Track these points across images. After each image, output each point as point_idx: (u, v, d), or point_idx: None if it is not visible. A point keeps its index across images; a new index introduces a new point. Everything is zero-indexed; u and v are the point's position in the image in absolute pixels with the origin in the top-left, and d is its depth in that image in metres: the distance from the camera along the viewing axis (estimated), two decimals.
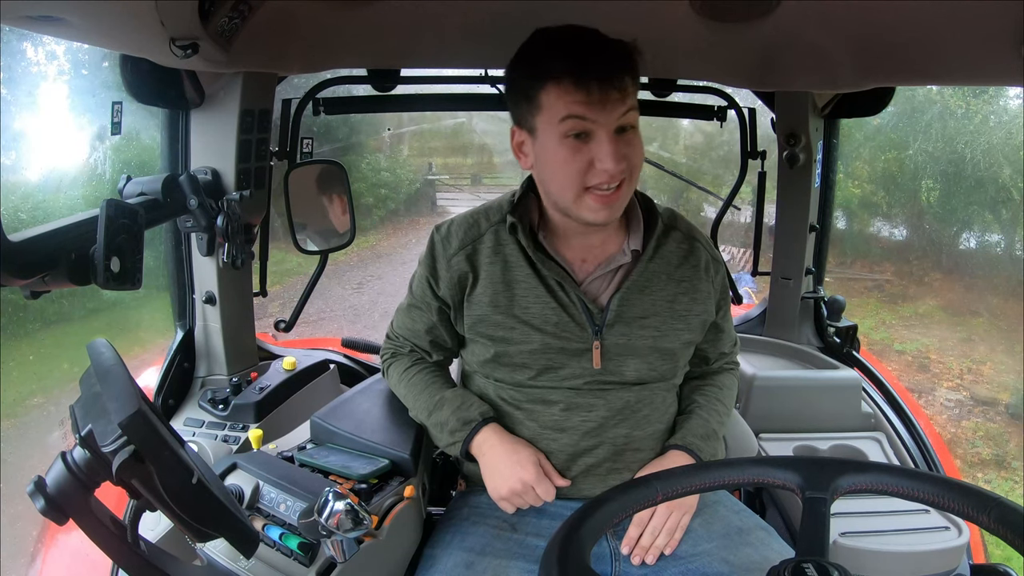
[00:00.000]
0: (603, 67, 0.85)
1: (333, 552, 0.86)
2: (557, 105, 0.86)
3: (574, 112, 0.85)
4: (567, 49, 0.86)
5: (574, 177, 0.88)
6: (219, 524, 0.70)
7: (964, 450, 4.66)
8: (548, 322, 0.96)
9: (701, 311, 1.00)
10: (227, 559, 0.87)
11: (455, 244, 1.00)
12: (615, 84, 0.84)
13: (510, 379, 1.00)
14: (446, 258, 1.00)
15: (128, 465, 0.61)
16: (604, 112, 0.85)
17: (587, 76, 0.84)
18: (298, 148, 1.53)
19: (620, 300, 0.96)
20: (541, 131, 0.89)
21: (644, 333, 0.97)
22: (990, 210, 6.59)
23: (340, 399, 1.16)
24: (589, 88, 0.84)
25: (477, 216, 1.02)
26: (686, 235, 1.02)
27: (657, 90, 1.59)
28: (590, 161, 0.87)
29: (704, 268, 1.01)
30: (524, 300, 0.97)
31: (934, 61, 1.12)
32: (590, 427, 0.97)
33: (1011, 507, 0.61)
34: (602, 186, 0.87)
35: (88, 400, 0.69)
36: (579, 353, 0.97)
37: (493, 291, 0.98)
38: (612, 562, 0.96)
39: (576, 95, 0.84)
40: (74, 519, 0.64)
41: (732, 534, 0.95)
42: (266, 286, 1.54)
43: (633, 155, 0.89)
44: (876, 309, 6.55)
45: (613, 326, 0.97)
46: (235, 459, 1.00)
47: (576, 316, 0.96)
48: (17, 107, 5.12)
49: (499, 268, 0.98)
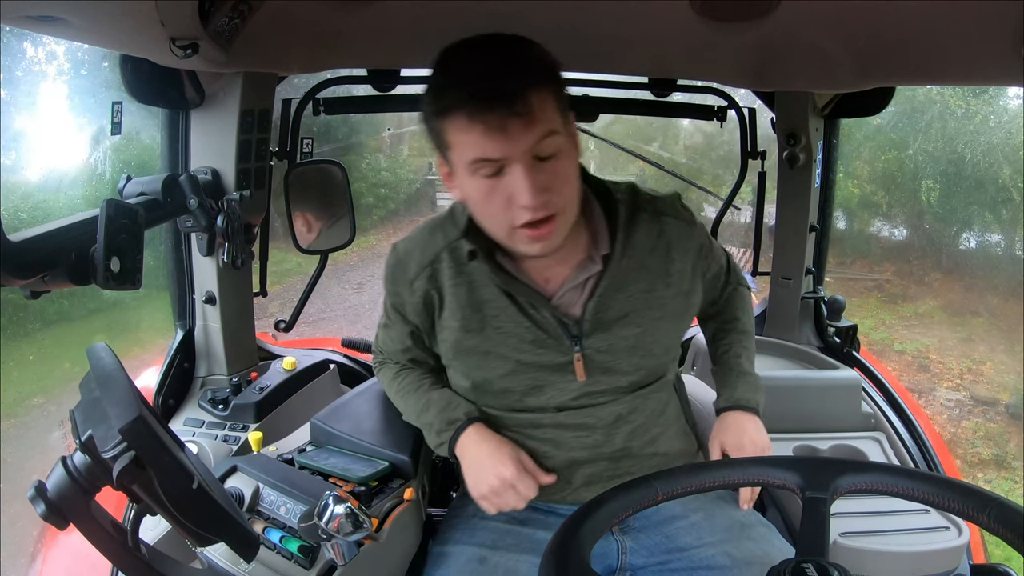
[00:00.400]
0: (496, 91, 0.74)
1: (333, 555, 0.86)
2: (461, 144, 0.78)
3: (479, 153, 0.76)
4: (460, 75, 0.77)
5: (498, 216, 0.80)
6: (220, 529, 0.70)
7: (964, 450, 4.66)
8: (524, 340, 0.91)
9: (676, 292, 0.95)
10: (227, 562, 0.87)
11: (413, 268, 0.94)
12: (515, 109, 0.74)
13: (497, 404, 0.97)
14: (407, 282, 0.94)
15: (129, 471, 0.62)
16: (508, 144, 0.75)
17: (479, 107, 0.74)
18: (298, 148, 1.53)
19: (596, 306, 0.91)
20: (457, 168, 0.81)
21: (626, 333, 0.92)
22: (990, 210, 6.59)
23: (339, 401, 1.16)
24: (485, 120, 0.74)
25: (433, 232, 0.95)
26: (652, 214, 0.94)
27: (657, 90, 1.59)
28: (509, 197, 0.78)
29: (675, 244, 0.94)
30: (496, 320, 0.92)
31: (934, 61, 1.11)
32: (585, 443, 0.96)
33: (1011, 507, 0.61)
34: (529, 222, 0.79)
35: (88, 405, 0.69)
36: (561, 368, 0.92)
37: (462, 315, 0.92)
38: (619, 555, 0.96)
39: (472, 132, 0.75)
40: (75, 524, 0.64)
41: (734, 528, 0.95)
42: (266, 286, 1.54)
43: (557, 184, 0.79)
44: (876, 309, 6.55)
45: (592, 334, 0.92)
46: (235, 462, 1.00)
47: (552, 331, 0.91)
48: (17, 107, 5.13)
49: (464, 290, 0.92)
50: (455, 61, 0.79)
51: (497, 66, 0.76)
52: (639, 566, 0.96)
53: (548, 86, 0.78)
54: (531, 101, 0.75)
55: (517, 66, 0.77)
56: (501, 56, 0.77)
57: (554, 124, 0.78)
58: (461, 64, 0.78)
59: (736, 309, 1.10)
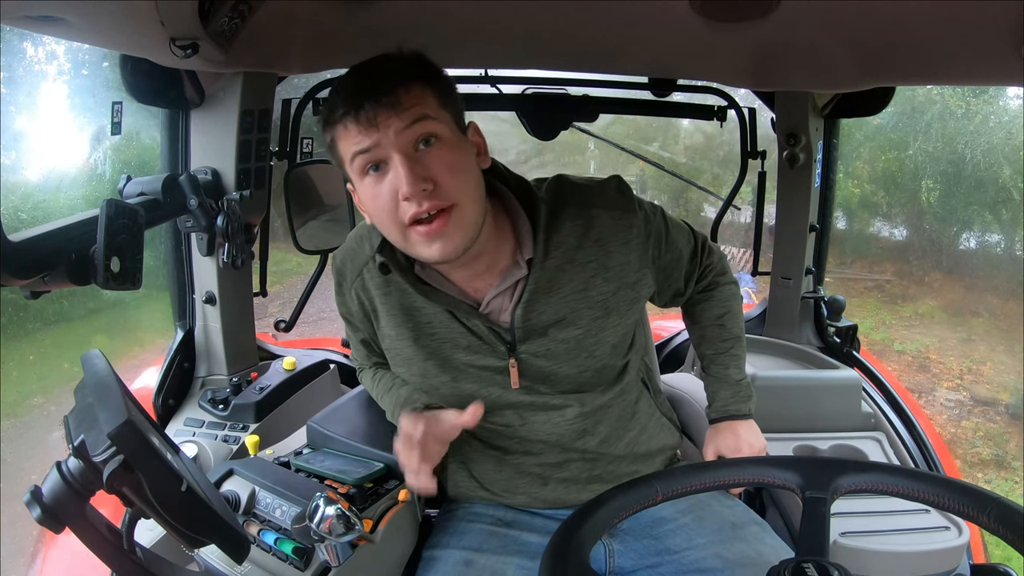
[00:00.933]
0: (367, 87, 0.77)
1: (327, 556, 0.86)
2: (344, 147, 0.80)
3: (356, 147, 0.78)
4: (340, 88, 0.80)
5: (388, 215, 0.80)
6: (210, 530, 0.71)
7: (964, 450, 4.65)
8: (459, 346, 0.91)
9: (618, 286, 0.91)
10: (223, 564, 0.87)
11: (349, 276, 0.95)
12: (383, 101, 0.76)
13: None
14: (345, 291, 0.96)
15: (118, 474, 0.62)
16: (379, 132, 0.77)
17: (352, 104, 0.77)
18: (298, 148, 1.53)
19: (524, 312, 0.88)
20: (352, 178, 0.83)
21: (564, 336, 0.89)
22: (990, 210, 6.59)
23: (336, 404, 1.16)
24: (357, 115, 0.77)
25: (360, 242, 0.94)
26: (577, 207, 0.90)
27: (657, 90, 1.59)
28: (394, 192, 0.78)
29: (609, 235, 0.89)
30: (429, 327, 0.91)
31: (934, 61, 1.11)
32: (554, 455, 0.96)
33: (1011, 507, 0.61)
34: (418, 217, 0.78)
35: (81, 410, 0.70)
36: (500, 372, 0.91)
37: (395, 323, 0.92)
38: (606, 560, 0.96)
39: (349, 128, 0.78)
40: (70, 527, 0.65)
41: (725, 529, 0.94)
42: (266, 286, 1.54)
43: (441, 171, 0.78)
44: (876, 309, 6.55)
45: (525, 340, 0.89)
46: (231, 465, 1.00)
47: (485, 336, 0.90)
48: (17, 107, 5.12)
49: (395, 298, 0.92)
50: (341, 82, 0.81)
51: (372, 71, 0.80)
52: (628, 570, 0.95)
53: (421, 81, 0.79)
54: (399, 92, 0.77)
55: (389, 68, 0.79)
56: (378, 62, 0.80)
57: (427, 110, 0.78)
58: (344, 81, 0.81)
59: (720, 313, 1.06)
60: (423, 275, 0.90)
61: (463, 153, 0.82)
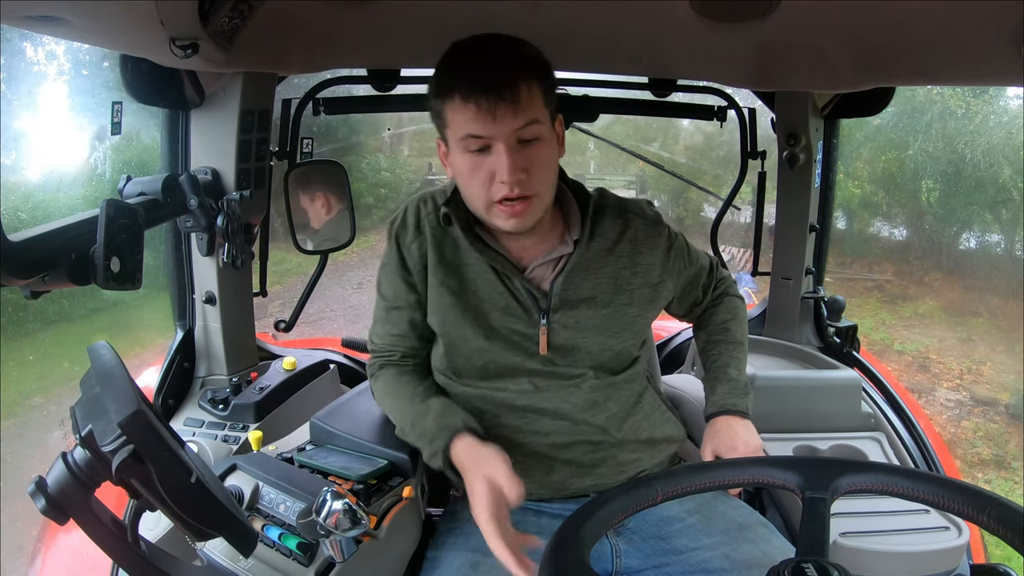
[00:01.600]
0: (491, 79, 0.84)
1: (332, 552, 0.86)
2: (455, 122, 0.87)
3: (469, 130, 0.86)
4: (461, 63, 0.87)
5: (479, 189, 0.89)
6: (217, 523, 0.71)
7: (964, 450, 4.66)
8: (496, 306, 0.98)
9: (643, 282, 1.01)
10: (227, 559, 0.87)
11: (410, 231, 1.01)
12: (504, 95, 0.84)
13: (470, 374, 1.00)
14: (407, 246, 1.01)
15: (127, 464, 0.62)
16: (495, 125, 0.85)
17: (475, 90, 0.84)
18: (298, 148, 1.53)
19: (563, 283, 0.97)
20: (451, 145, 0.90)
21: (592, 313, 0.98)
22: (990, 210, 6.59)
23: (339, 400, 1.16)
24: (478, 102, 0.84)
25: (424, 199, 1.02)
26: (618, 211, 1.02)
27: (657, 90, 1.59)
28: (491, 173, 0.87)
29: (642, 238, 1.01)
30: (473, 284, 0.98)
31: (934, 61, 1.12)
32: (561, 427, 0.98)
33: (1011, 507, 0.61)
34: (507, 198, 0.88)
35: (88, 401, 0.69)
36: (527, 339, 0.98)
37: (444, 272, 0.99)
38: (613, 559, 0.96)
39: (467, 111, 0.85)
40: (75, 519, 0.64)
41: (732, 530, 0.94)
42: (266, 286, 1.54)
43: (535, 167, 0.88)
44: (876, 309, 6.55)
45: (559, 310, 0.97)
46: (235, 460, 1.00)
47: (523, 300, 0.97)
48: (17, 107, 5.12)
49: (448, 249, 0.99)
50: (459, 51, 0.88)
51: (494, 57, 0.86)
52: (635, 569, 0.95)
53: (538, 81, 0.87)
54: (520, 90, 0.85)
55: (512, 59, 0.86)
56: (500, 50, 0.87)
57: (538, 114, 0.87)
58: (464, 53, 0.88)
59: (726, 319, 1.13)
60: (481, 233, 0.98)
61: (553, 150, 0.92)
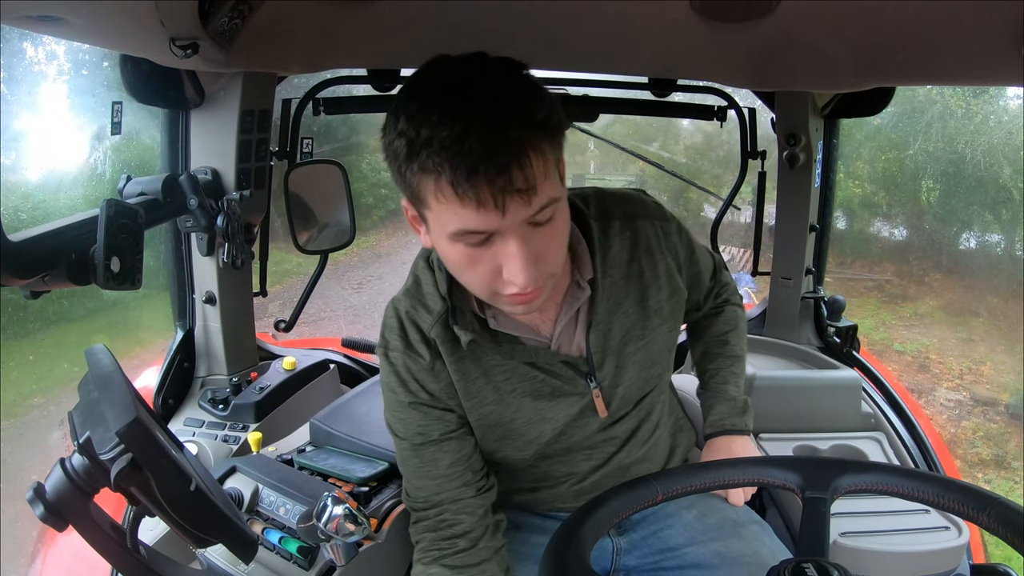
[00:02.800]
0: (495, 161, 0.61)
1: (332, 556, 0.86)
2: (442, 212, 0.65)
3: (465, 226, 0.65)
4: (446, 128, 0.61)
5: (480, 284, 0.72)
6: (218, 530, 0.71)
7: (964, 450, 4.65)
8: (542, 396, 0.85)
9: (669, 293, 0.90)
10: (226, 563, 0.87)
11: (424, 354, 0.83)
12: (517, 183, 0.62)
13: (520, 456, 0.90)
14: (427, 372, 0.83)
15: (126, 473, 0.62)
16: (504, 219, 0.64)
17: (474, 182, 0.61)
18: (298, 148, 1.52)
19: (597, 335, 0.85)
20: (432, 228, 0.70)
21: (631, 349, 0.88)
22: (990, 210, 6.59)
23: (339, 401, 1.16)
24: (479, 196, 0.62)
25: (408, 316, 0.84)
26: (624, 220, 0.87)
27: (657, 90, 1.59)
28: (496, 268, 0.69)
29: (656, 242, 0.88)
30: (508, 384, 0.84)
31: (934, 61, 1.11)
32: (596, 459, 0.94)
33: (1011, 507, 0.61)
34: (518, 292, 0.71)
35: (86, 407, 0.69)
36: (583, 410, 0.88)
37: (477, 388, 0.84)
38: (612, 557, 0.96)
39: (462, 204, 0.63)
40: (73, 525, 0.64)
41: (726, 527, 0.95)
42: (266, 286, 1.54)
43: (551, 251, 0.70)
44: (876, 309, 6.55)
45: (603, 365, 0.87)
46: (234, 462, 1.00)
47: (565, 375, 0.85)
48: (17, 107, 5.12)
49: (469, 361, 0.83)
50: (437, 102, 0.63)
51: (490, 124, 0.62)
52: (633, 567, 0.96)
53: (548, 141, 0.65)
54: (533, 171, 0.63)
55: (515, 123, 0.63)
56: (494, 106, 0.63)
57: (555, 191, 0.67)
58: (445, 110, 0.62)
59: (725, 330, 1.06)
60: (498, 325, 0.82)
61: (566, 213, 0.73)
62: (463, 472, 0.85)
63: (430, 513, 0.86)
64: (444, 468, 0.85)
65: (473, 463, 0.87)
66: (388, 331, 0.85)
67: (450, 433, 0.85)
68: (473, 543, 0.85)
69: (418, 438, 0.85)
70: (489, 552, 0.86)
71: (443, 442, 0.84)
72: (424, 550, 0.86)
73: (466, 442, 0.86)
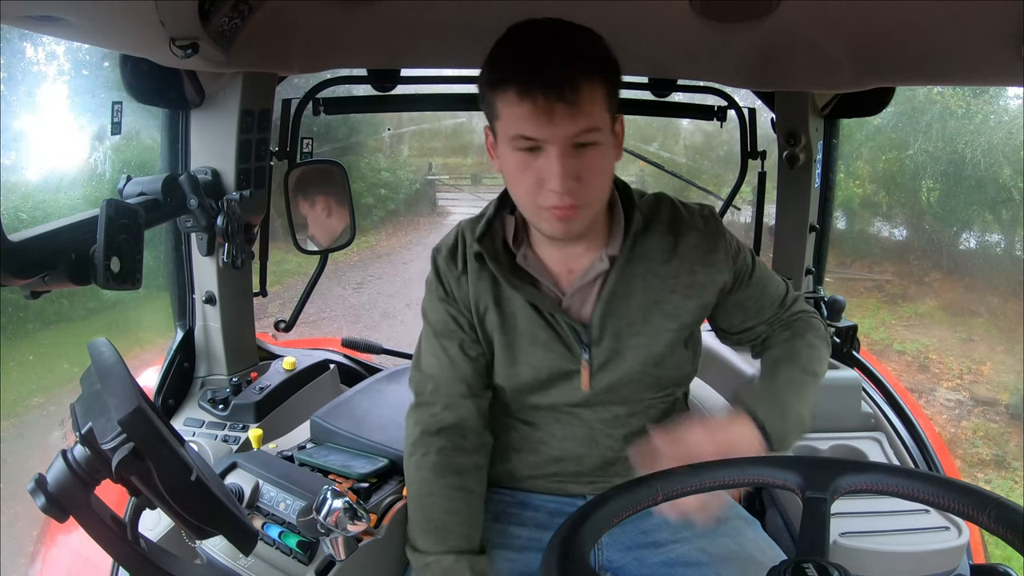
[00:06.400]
0: (552, 76, 0.75)
1: (332, 550, 0.86)
2: (507, 116, 0.79)
3: (520, 130, 0.78)
4: (518, 52, 0.78)
5: (527, 192, 0.82)
6: (217, 521, 0.71)
7: (964, 450, 4.65)
8: (537, 342, 0.92)
9: (696, 306, 0.92)
10: (227, 557, 0.87)
11: (459, 264, 0.94)
12: (564, 96, 0.75)
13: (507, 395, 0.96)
14: (455, 279, 0.94)
15: (127, 462, 0.62)
16: (551, 127, 0.76)
17: (532, 86, 0.75)
18: (298, 148, 1.52)
19: (603, 312, 0.90)
20: (500, 138, 0.83)
21: (634, 342, 0.91)
22: (990, 210, 6.59)
23: (340, 399, 1.16)
24: (534, 99, 0.75)
25: (463, 232, 0.95)
26: (669, 225, 0.92)
27: (657, 90, 1.59)
28: (540, 179, 0.80)
29: (698, 255, 0.91)
30: (512, 318, 0.92)
31: (934, 61, 1.11)
32: (579, 438, 0.95)
33: (1011, 507, 0.61)
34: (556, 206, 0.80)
35: (88, 398, 0.69)
36: (568, 375, 0.92)
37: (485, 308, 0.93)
38: (596, 552, 0.96)
39: (520, 108, 0.76)
40: (74, 516, 0.64)
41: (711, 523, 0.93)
42: (266, 286, 1.54)
43: (589, 175, 0.80)
44: (876, 309, 6.55)
45: (600, 342, 0.91)
46: (235, 458, 1.00)
47: (563, 334, 0.91)
48: (17, 107, 5.12)
49: (487, 284, 0.92)
50: (518, 36, 0.79)
51: (554, 50, 0.76)
52: (616, 563, 0.96)
53: (602, 82, 0.78)
54: (581, 91, 0.76)
55: (574, 54, 0.77)
56: (561, 41, 0.77)
57: (598, 120, 0.78)
58: (522, 40, 0.79)
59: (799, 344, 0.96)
60: (523, 263, 0.91)
61: (611, 156, 0.83)
62: (464, 366, 0.94)
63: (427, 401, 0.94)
64: (451, 358, 0.94)
65: (476, 365, 0.95)
66: (444, 241, 0.97)
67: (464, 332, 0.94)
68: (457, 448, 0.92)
69: (440, 325, 0.95)
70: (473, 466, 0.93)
71: (456, 337, 0.94)
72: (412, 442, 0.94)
73: (474, 346, 0.95)
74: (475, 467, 0.93)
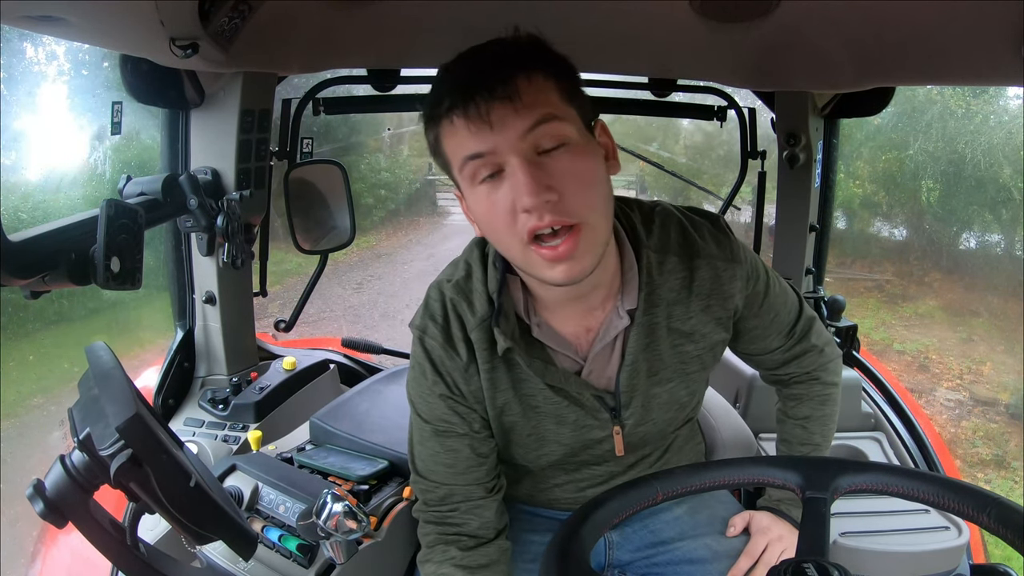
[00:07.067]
0: (478, 80, 0.66)
1: (332, 553, 0.86)
2: (452, 147, 0.69)
3: (466, 150, 0.68)
4: (447, 77, 0.69)
5: (505, 228, 0.69)
6: (217, 526, 0.71)
7: (964, 450, 4.65)
8: (565, 422, 0.84)
9: (714, 341, 0.85)
10: (226, 561, 0.87)
11: (461, 352, 0.81)
12: (497, 93, 0.65)
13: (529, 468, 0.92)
14: (460, 372, 0.82)
15: (126, 469, 0.62)
16: (495, 133, 0.66)
17: (463, 98, 0.66)
18: (298, 148, 1.52)
19: (629, 375, 0.82)
20: (461, 182, 0.72)
21: (660, 391, 0.85)
22: (990, 210, 6.59)
23: (339, 400, 1.16)
24: (467, 110, 0.66)
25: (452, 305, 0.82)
26: (683, 258, 0.81)
27: (657, 90, 1.59)
28: (512, 203, 0.67)
29: (713, 287, 0.82)
30: (533, 400, 0.83)
31: (934, 61, 1.11)
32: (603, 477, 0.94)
33: (1011, 507, 0.61)
34: (539, 233, 0.68)
35: (86, 403, 0.69)
36: (600, 442, 0.87)
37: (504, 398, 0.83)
38: (607, 552, 0.97)
39: (459, 126, 0.67)
40: (73, 522, 0.64)
41: (716, 523, 0.97)
42: (266, 286, 1.54)
43: (564, 181, 0.67)
44: (876, 309, 6.55)
45: (630, 405, 0.84)
46: (234, 460, 1.00)
47: (590, 406, 0.83)
48: (17, 107, 5.12)
49: (501, 371, 0.81)
50: (447, 65, 0.71)
51: (485, 59, 0.69)
52: (626, 562, 0.97)
53: (542, 71, 0.69)
54: (518, 85, 0.66)
55: (500, 55, 0.69)
56: (492, 51, 0.70)
57: (552, 109, 0.68)
58: (450, 68, 0.71)
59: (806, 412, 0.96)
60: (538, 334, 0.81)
61: (592, 159, 0.71)
62: (478, 468, 0.85)
63: (442, 509, 0.85)
64: (462, 461, 0.84)
65: (489, 462, 0.86)
66: (430, 317, 0.82)
67: (473, 432, 0.84)
68: (480, 543, 0.85)
69: (442, 425, 0.83)
70: (498, 553, 0.86)
71: (465, 436, 0.84)
72: (431, 545, 0.86)
73: (486, 442, 0.86)
74: (499, 551, 0.87)
